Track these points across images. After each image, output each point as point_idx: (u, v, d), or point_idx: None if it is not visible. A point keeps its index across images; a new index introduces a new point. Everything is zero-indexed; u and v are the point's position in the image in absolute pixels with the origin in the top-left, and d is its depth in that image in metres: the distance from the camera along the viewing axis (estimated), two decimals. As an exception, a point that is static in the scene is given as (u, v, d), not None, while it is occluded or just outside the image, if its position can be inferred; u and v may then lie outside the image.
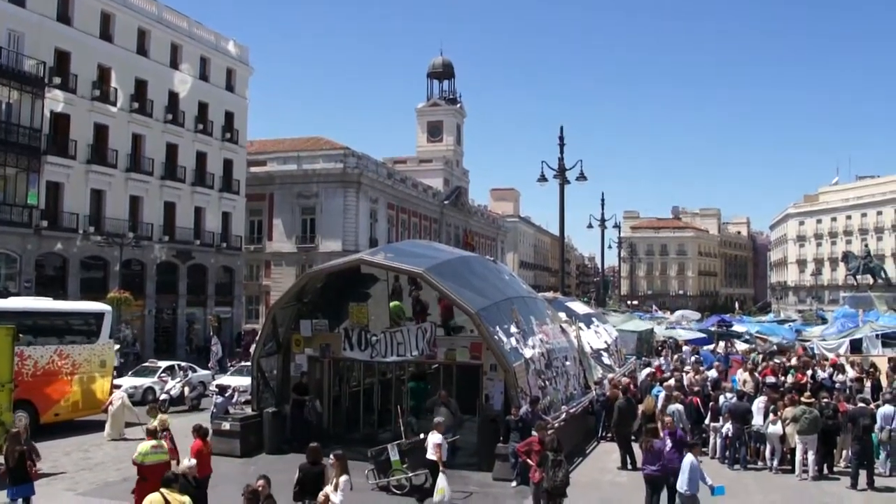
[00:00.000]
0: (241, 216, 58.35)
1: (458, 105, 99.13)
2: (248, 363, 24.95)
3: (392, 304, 21.88)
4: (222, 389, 25.07)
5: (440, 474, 15.98)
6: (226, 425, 20.44)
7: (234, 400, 24.05)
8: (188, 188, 51.98)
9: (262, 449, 20.66)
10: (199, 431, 14.58)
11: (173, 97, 50.88)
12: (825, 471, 19.07)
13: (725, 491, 14.06)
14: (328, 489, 12.04)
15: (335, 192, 64.58)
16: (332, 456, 12.54)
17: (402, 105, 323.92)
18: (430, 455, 16.47)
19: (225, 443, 19.83)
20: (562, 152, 36.87)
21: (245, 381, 26.04)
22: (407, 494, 16.81)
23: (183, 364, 32.78)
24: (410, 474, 17.01)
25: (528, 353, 20.56)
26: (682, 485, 13.97)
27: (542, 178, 37.09)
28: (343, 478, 12.06)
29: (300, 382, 21.82)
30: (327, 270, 22.96)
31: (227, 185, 56.06)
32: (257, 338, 24.43)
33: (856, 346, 38.10)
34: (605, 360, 29.16)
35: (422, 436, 18.03)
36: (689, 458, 14.12)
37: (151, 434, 14.49)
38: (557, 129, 36.96)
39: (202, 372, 33.52)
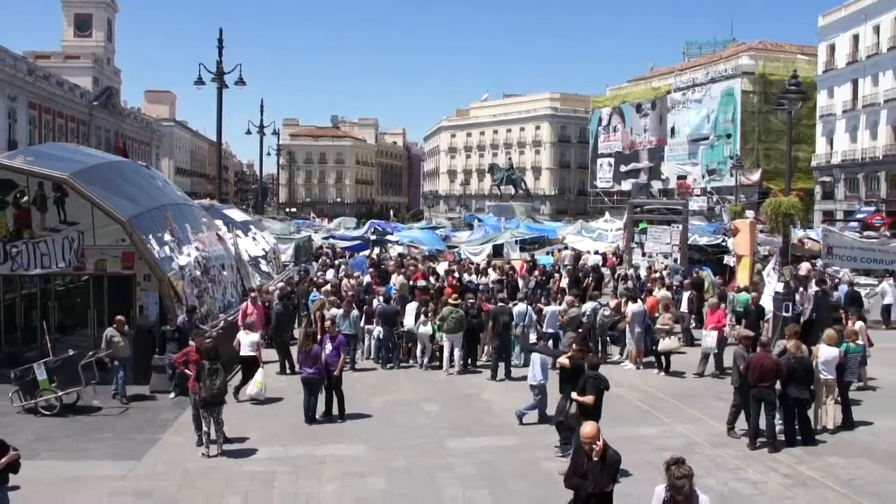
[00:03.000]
0: None
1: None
2: None
3: None
4: None
5: (259, 369, 17.50)
6: None
7: None
8: None
9: None
10: None
11: None
12: (469, 365, 20.72)
13: None
14: None
15: (-35, 88, 58.02)
16: None
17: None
18: (248, 352, 17.87)
19: None
20: (220, 55, 35.87)
21: None
22: (57, 415, 15.97)
23: None
24: (60, 393, 16.15)
25: (183, 261, 20.11)
26: (532, 378, 15.35)
27: (200, 82, 36.02)
28: None
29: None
30: (-44, 175, 20.68)
31: None
32: None
33: (497, 251, 41.38)
34: (264, 267, 29.23)
35: (70, 352, 17.15)
36: (536, 355, 15.53)
37: None
38: (217, 32, 35.89)
39: None
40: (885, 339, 23.70)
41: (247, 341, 18.05)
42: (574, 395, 12.54)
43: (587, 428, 8.84)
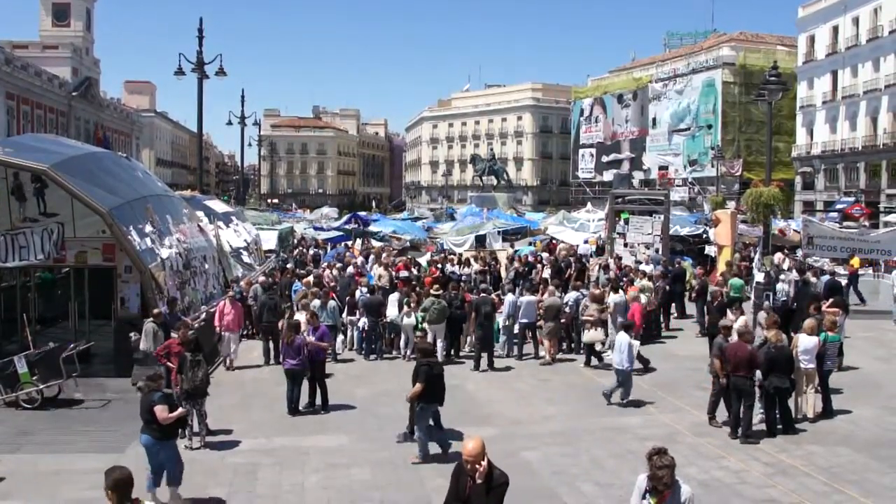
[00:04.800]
0: None
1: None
2: None
3: None
4: None
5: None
6: None
7: None
8: None
9: None
10: None
11: None
12: (452, 355, 20.72)
13: None
14: None
15: (-59, 79, 57.38)
16: None
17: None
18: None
19: None
20: (200, 45, 35.59)
21: None
22: (39, 408, 15.87)
23: None
24: (42, 386, 16.05)
25: (164, 252, 19.98)
26: (619, 362, 15.63)
27: (180, 72, 35.77)
28: None
29: None
30: (-66, 167, 20.43)
31: None
32: None
33: (480, 241, 41.43)
34: (245, 258, 29.15)
35: (51, 344, 17.06)
36: (625, 338, 15.82)
37: None
38: (197, 22, 35.64)
39: None
40: (866, 328, 23.93)
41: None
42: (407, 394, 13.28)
43: (470, 445, 7.54)
